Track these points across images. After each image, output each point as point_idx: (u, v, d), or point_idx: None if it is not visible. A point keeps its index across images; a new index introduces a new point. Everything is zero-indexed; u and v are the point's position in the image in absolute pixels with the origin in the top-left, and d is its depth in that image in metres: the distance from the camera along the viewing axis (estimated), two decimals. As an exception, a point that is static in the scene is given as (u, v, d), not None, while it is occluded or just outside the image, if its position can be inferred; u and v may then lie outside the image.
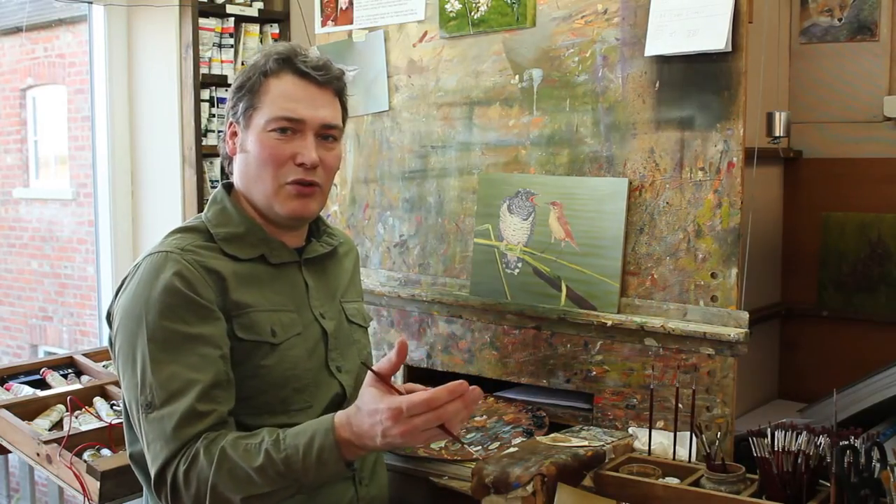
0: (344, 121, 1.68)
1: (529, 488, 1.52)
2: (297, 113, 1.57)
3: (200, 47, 3.31)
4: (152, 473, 1.44)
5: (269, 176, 1.57)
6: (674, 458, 1.68)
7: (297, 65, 1.59)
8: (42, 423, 2.26)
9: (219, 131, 3.36)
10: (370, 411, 1.37)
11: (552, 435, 1.78)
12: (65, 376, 2.56)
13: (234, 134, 1.62)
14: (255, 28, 3.50)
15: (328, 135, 1.62)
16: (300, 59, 1.59)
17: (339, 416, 1.42)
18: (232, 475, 1.40)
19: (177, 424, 1.42)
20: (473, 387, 1.38)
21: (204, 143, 3.34)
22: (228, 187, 1.67)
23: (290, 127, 1.57)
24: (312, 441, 1.40)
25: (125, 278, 1.56)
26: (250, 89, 1.59)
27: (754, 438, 1.54)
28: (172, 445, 1.42)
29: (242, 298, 1.54)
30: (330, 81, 1.62)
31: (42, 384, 2.51)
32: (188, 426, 1.43)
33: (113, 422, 2.19)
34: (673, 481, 1.59)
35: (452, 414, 1.36)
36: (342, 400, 1.63)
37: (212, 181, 3.36)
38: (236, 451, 1.41)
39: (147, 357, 1.45)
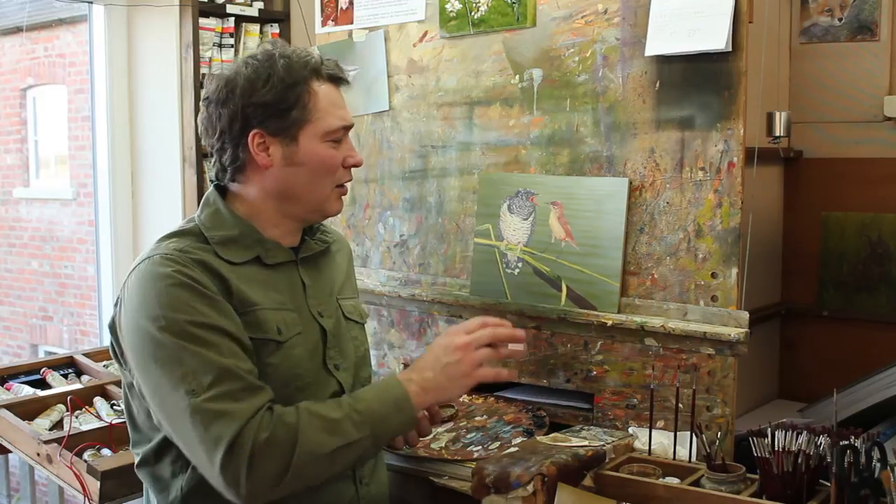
0: None
1: (530, 488, 1.52)
2: (348, 120, 1.63)
3: (201, 47, 3.31)
4: (219, 456, 1.38)
5: (326, 184, 1.61)
6: (674, 458, 1.69)
7: (329, 71, 1.60)
8: (42, 422, 2.26)
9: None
10: (432, 346, 1.62)
11: (552, 435, 1.78)
12: (65, 376, 2.56)
13: (265, 147, 1.56)
14: (256, 28, 3.50)
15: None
16: (325, 65, 1.60)
17: (400, 373, 1.61)
18: (319, 430, 1.44)
19: (238, 398, 1.41)
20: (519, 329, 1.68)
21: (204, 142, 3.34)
22: (220, 189, 1.65)
23: (343, 135, 1.62)
24: (385, 391, 1.55)
25: (124, 287, 1.52)
26: (297, 103, 1.55)
27: (754, 438, 1.54)
28: (240, 419, 1.39)
29: (247, 296, 1.53)
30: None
31: (42, 384, 2.51)
32: (251, 397, 1.43)
33: (113, 422, 2.19)
34: (673, 481, 1.59)
35: (502, 336, 1.63)
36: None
37: (212, 181, 3.36)
38: (316, 408, 1.46)
39: (176, 350, 1.42)
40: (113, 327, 1.54)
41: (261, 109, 1.54)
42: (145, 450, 1.55)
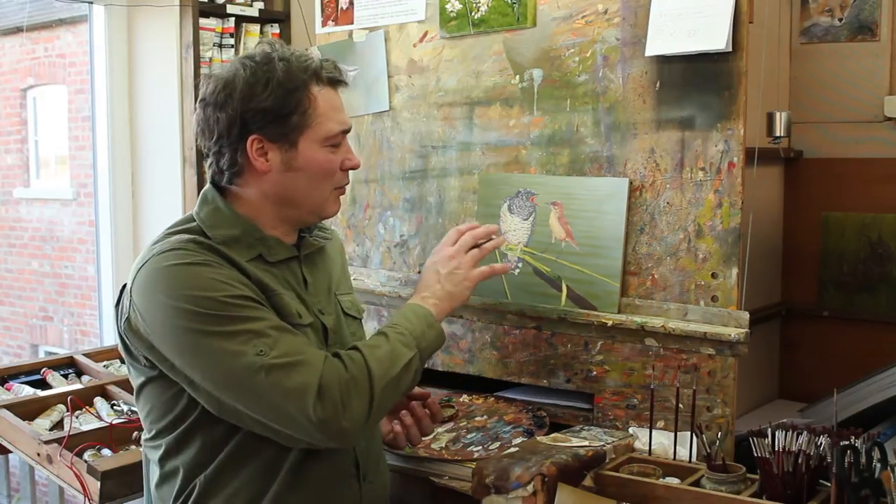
0: None
1: (530, 488, 1.53)
2: (347, 124, 1.63)
3: (201, 47, 3.31)
4: (310, 402, 1.40)
5: (325, 187, 1.61)
6: (674, 458, 1.69)
7: (329, 74, 1.59)
8: (42, 423, 2.26)
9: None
10: (426, 267, 1.76)
11: (552, 435, 1.78)
12: (65, 376, 2.56)
13: (264, 151, 1.55)
14: (256, 28, 3.50)
15: None
16: (326, 67, 1.59)
17: (411, 298, 1.70)
18: (381, 359, 1.51)
19: (304, 349, 1.46)
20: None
21: (204, 142, 3.33)
22: (218, 186, 1.62)
23: (342, 139, 1.62)
24: (411, 313, 1.63)
25: (131, 288, 1.51)
26: (297, 108, 1.54)
27: (755, 438, 1.54)
28: (317, 365, 1.44)
29: (264, 281, 1.53)
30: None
31: (42, 384, 2.51)
32: (313, 348, 1.48)
33: (113, 422, 2.19)
34: (673, 481, 1.59)
35: (480, 234, 1.78)
36: None
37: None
38: (367, 343, 1.55)
39: (225, 324, 1.42)
40: (130, 327, 1.51)
41: (260, 115, 1.53)
42: (167, 439, 1.54)
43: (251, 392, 1.43)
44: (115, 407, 2.35)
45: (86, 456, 2.06)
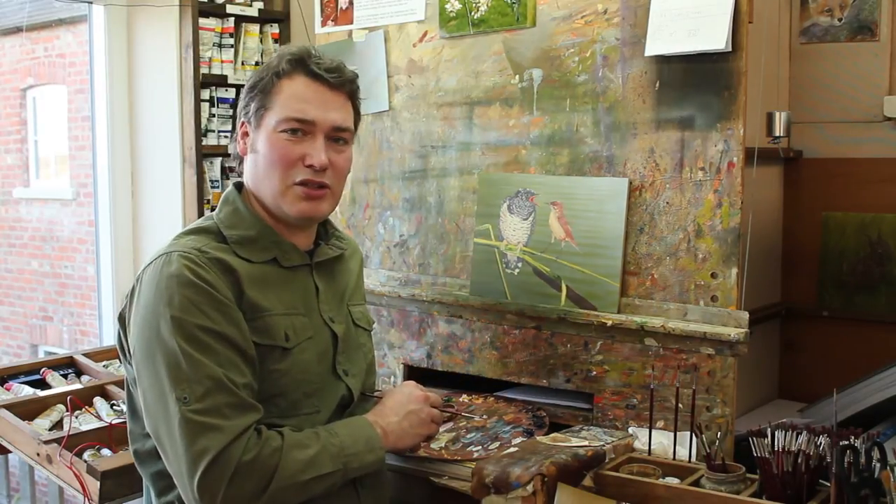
0: (356, 124, 1.68)
1: (529, 488, 1.52)
2: (308, 114, 1.57)
3: (200, 47, 3.31)
4: (200, 469, 1.38)
5: (277, 176, 1.57)
6: (674, 458, 1.69)
7: (310, 66, 1.58)
8: (42, 423, 2.26)
9: (219, 131, 3.35)
10: (393, 392, 1.70)
11: (552, 435, 1.78)
12: (65, 376, 2.56)
13: (246, 134, 1.62)
14: (256, 28, 3.50)
15: (339, 137, 1.62)
16: (313, 60, 1.59)
17: (368, 414, 1.63)
18: (299, 459, 1.45)
19: (227, 414, 1.41)
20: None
21: (204, 143, 3.33)
22: (239, 187, 1.65)
23: (300, 128, 1.57)
24: (357, 429, 1.57)
25: (138, 280, 1.52)
26: (262, 89, 1.58)
27: (754, 438, 1.54)
28: (228, 435, 1.40)
29: (258, 301, 1.52)
30: (343, 84, 1.62)
31: (42, 384, 2.51)
32: (241, 415, 1.43)
33: (113, 422, 2.19)
34: (673, 481, 1.59)
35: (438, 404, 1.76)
36: (348, 403, 1.64)
37: (212, 181, 3.36)
38: (298, 437, 1.47)
39: (178, 353, 1.42)
40: (122, 319, 1.54)
41: (247, 97, 1.61)
42: (147, 445, 1.54)
43: (161, 430, 1.44)
44: (114, 407, 2.35)
45: (85, 456, 2.06)
